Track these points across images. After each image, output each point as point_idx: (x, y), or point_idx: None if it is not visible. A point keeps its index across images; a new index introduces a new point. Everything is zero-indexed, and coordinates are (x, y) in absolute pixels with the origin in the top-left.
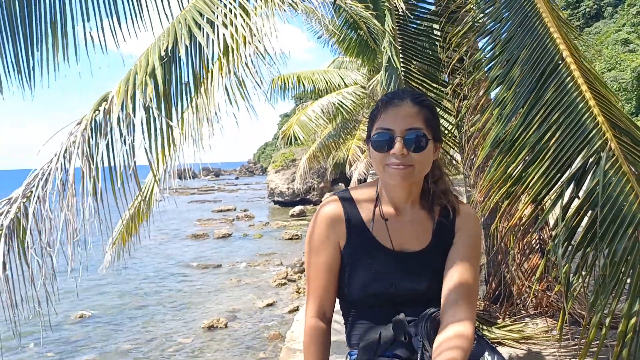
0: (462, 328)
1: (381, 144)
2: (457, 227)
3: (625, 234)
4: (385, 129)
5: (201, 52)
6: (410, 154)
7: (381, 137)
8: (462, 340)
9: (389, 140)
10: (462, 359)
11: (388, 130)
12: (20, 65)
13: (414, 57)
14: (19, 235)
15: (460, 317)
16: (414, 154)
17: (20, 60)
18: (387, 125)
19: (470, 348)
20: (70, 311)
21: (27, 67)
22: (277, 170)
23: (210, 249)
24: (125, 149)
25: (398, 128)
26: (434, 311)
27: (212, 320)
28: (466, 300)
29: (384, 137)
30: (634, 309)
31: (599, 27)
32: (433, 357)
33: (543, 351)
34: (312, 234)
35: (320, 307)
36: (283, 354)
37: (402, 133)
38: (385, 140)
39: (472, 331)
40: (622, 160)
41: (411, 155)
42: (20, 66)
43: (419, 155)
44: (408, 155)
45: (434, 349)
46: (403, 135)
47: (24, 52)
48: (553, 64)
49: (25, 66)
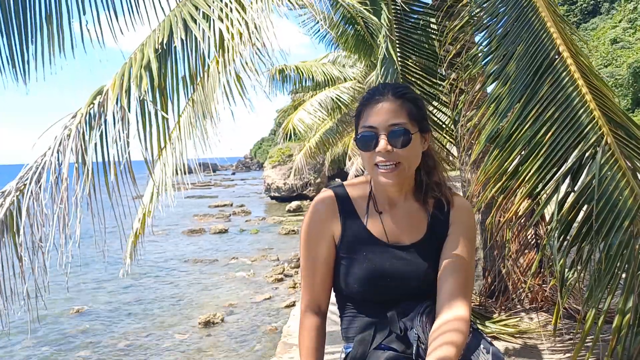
0: (458, 321)
1: (366, 142)
2: (452, 219)
3: (621, 228)
4: (368, 127)
5: (197, 46)
6: (395, 151)
7: (365, 135)
8: (458, 334)
9: (374, 138)
10: (457, 353)
11: (371, 128)
12: (14, 58)
13: (411, 52)
14: (11, 229)
15: (456, 310)
16: (400, 150)
17: (14, 54)
18: (370, 123)
19: (465, 341)
20: (67, 306)
21: (22, 61)
22: (273, 165)
23: (206, 244)
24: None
25: (381, 125)
26: (429, 304)
27: (208, 315)
28: (461, 292)
29: (368, 135)
30: (628, 305)
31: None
32: (428, 351)
33: (540, 346)
34: (307, 228)
35: (315, 301)
36: (279, 349)
37: (386, 130)
38: (370, 138)
39: (467, 324)
40: (617, 154)
41: (397, 152)
42: (14, 60)
43: (404, 150)
44: (394, 152)
45: (430, 342)
46: (387, 132)
47: (18, 45)
48: (549, 59)
49: (20, 60)
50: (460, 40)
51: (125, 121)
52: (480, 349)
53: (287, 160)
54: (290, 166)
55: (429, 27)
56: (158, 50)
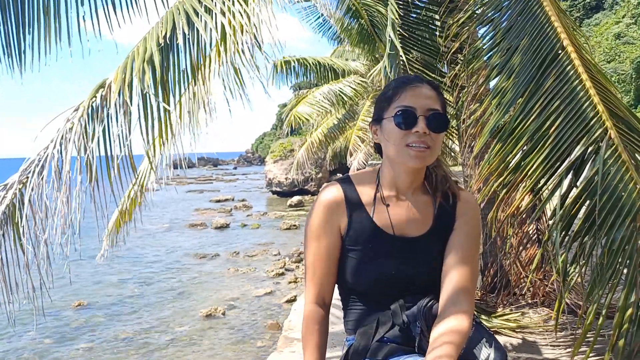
0: (461, 314)
1: (405, 121)
2: (458, 213)
3: (624, 223)
4: (408, 107)
5: (199, 39)
6: (430, 134)
7: (404, 114)
8: (461, 327)
9: (412, 119)
10: (459, 347)
11: (411, 108)
12: (10, 47)
13: (413, 47)
14: (14, 221)
15: (459, 304)
16: (434, 134)
17: (10, 43)
18: (410, 104)
19: (468, 335)
20: (68, 299)
21: (18, 50)
22: (275, 160)
23: (208, 238)
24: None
25: (421, 107)
26: (432, 297)
27: (210, 309)
28: (466, 286)
29: (407, 115)
30: (630, 300)
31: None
32: (430, 345)
33: (541, 341)
34: (313, 219)
35: (319, 293)
36: (280, 343)
37: (425, 112)
38: (409, 118)
39: (470, 318)
40: (621, 149)
41: (431, 135)
42: (10, 49)
43: (438, 136)
44: (429, 135)
45: (432, 335)
46: (426, 115)
47: (15, 34)
48: (554, 53)
49: (16, 49)
50: (463, 34)
51: (127, 114)
52: (482, 342)
53: (288, 155)
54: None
55: (431, 23)
56: (161, 43)
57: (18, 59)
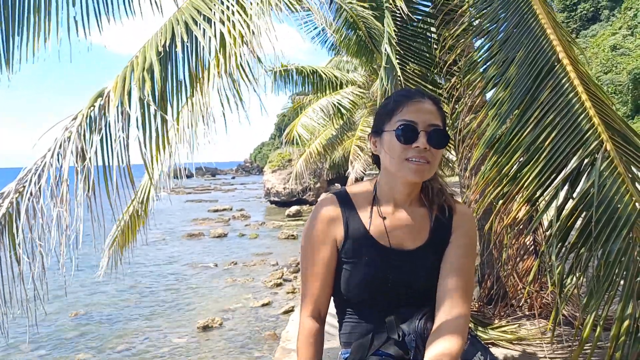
0: (456, 326)
1: (406, 135)
2: (454, 226)
3: (620, 235)
4: (409, 122)
5: (198, 49)
6: (430, 150)
7: (405, 129)
8: (455, 340)
9: (414, 133)
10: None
11: (412, 122)
12: None
13: (410, 59)
14: (10, 230)
15: (455, 318)
16: (434, 149)
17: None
18: (412, 119)
19: (463, 347)
20: (65, 309)
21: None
22: (273, 170)
23: (205, 248)
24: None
25: (422, 123)
26: (428, 310)
27: (207, 320)
28: (461, 298)
29: (408, 129)
30: (627, 312)
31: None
32: (426, 357)
33: (538, 352)
34: (309, 233)
35: (315, 307)
36: (278, 354)
37: (426, 128)
38: (410, 133)
39: (465, 330)
40: (617, 161)
41: (431, 151)
42: None
43: (437, 151)
44: (429, 150)
45: (427, 347)
46: (427, 130)
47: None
48: (549, 65)
49: (5, 50)
50: (459, 46)
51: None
52: (477, 355)
53: (286, 165)
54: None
55: (428, 35)
56: (160, 53)
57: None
